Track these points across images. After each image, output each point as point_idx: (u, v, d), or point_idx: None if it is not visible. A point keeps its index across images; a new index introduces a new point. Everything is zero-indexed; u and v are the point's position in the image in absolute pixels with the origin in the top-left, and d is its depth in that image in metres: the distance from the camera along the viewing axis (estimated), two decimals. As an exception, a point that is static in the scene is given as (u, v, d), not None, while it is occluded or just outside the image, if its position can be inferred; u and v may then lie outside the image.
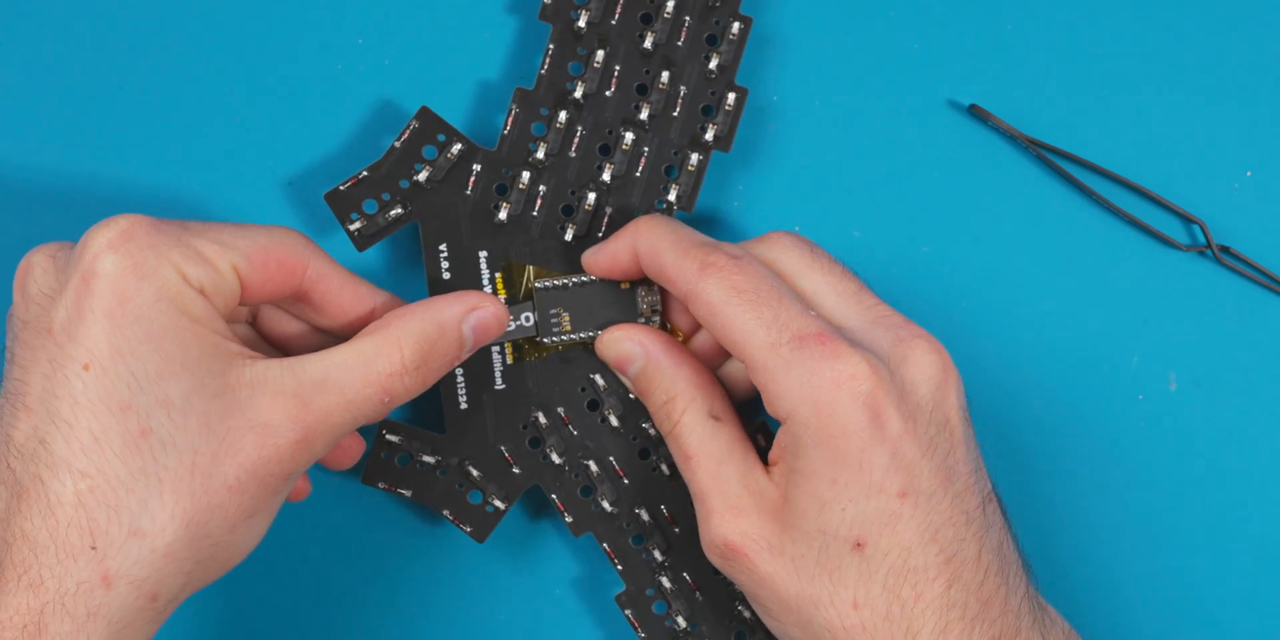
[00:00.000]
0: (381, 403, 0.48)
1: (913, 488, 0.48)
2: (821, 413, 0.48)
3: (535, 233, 0.55)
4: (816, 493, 0.48)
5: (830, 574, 0.48)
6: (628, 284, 0.54)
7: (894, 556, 0.48)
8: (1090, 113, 0.56)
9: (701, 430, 0.51)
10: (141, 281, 0.46)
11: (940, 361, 0.49)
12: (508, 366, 0.55)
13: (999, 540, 0.49)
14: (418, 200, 0.54)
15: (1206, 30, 0.56)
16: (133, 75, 0.55)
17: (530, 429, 0.55)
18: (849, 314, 0.50)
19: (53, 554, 0.45)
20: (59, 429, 0.45)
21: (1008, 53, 0.56)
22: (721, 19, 0.55)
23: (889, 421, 0.48)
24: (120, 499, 0.45)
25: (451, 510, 0.55)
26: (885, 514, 0.48)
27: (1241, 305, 0.57)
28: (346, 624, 0.56)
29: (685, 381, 0.52)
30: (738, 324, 0.49)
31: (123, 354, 0.46)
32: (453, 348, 0.50)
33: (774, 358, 0.48)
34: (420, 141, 0.54)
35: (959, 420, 0.49)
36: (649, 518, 0.55)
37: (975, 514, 0.49)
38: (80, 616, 0.45)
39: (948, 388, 0.49)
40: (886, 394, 0.48)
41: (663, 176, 0.55)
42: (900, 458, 0.48)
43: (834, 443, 0.48)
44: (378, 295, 0.52)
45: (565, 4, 0.54)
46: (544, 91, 0.55)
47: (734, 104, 0.55)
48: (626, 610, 0.55)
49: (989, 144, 0.56)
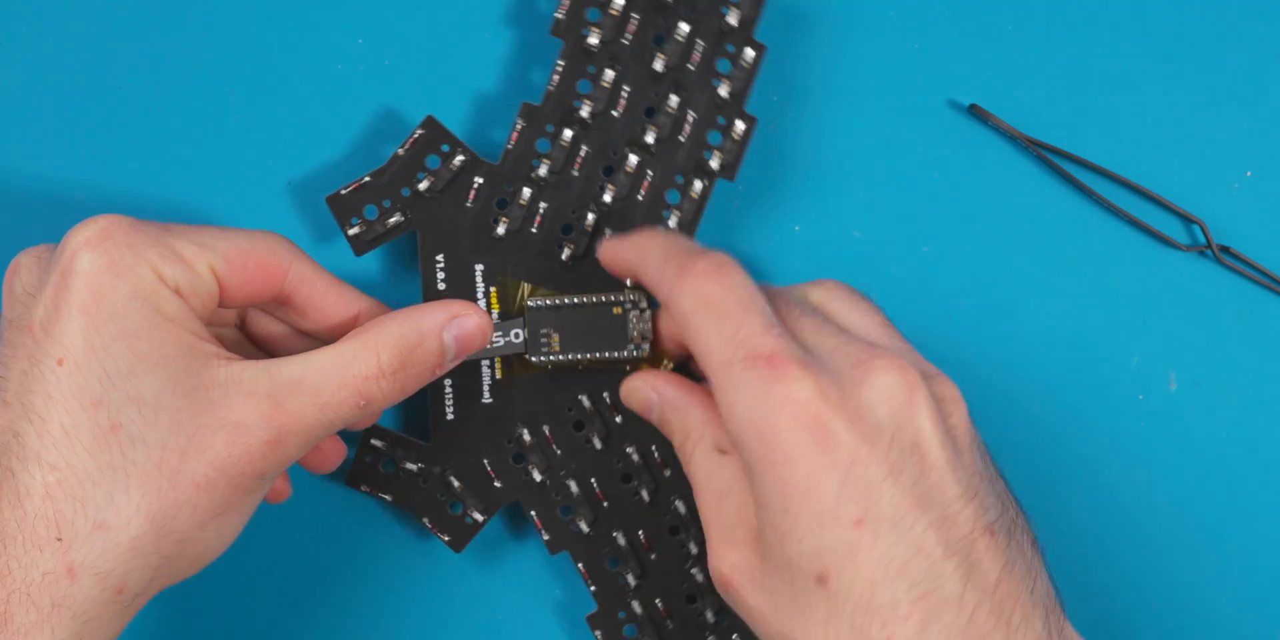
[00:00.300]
0: (357, 406, 0.48)
1: (871, 515, 0.45)
2: (764, 438, 0.45)
3: (532, 250, 0.55)
4: (774, 524, 0.46)
5: (802, 611, 0.46)
6: (620, 310, 0.54)
7: (858, 591, 0.45)
8: (1090, 113, 0.56)
9: (708, 465, 0.50)
10: (117, 279, 0.47)
11: (903, 381, 0.46)
12: (496, 381, 0.55)
13: (999, 578, 0.46)
14: (418, 209, 0.54)
15: (1206, 30, 0.55)
16: (133, 76, 0.56)
17: (514, 445, 0.55)
18: (835, 344, 0.48)
19: (20, 544, 0.46)
20: (32, 423, 0.46)
21: (1008, 52, 0.56)
22: (735, 45, 0.54)
23: (839, 444, 0.45)
24: (87, 492, 0.46)
25: (431, 518, 0.55)
26: (843, 544, 0.45)
27: (1241, 305, 0.56)
28: (319, 623, 0.56)
29: (696, 419, 0.51)
30: (701, 337, 0.47)
31: (96, 350, 0.46)
32: (432, 355, 0.50)
33: (726, 377, 0.46)
34: (424, 151, 0.54)
35: (935, 443, 0.46)
36: (625, 542, 0.55)
37: (960, 546, 0.45)
38: (45, 607, 0.46)
39: (914, 409, 0.46)
40: (835, 416, 0.45)
41: (664, 201, 0.54)
42: (854, 483, 0.45)
43: (778, 470, 0.45)
44: (362, 301, 0.52)
45: (577, 21, 0.54)
46: (551, 108, 0.54)
47: (742, 133, 0.54)
48: (596, 631, 0.55)
49: (989, 144, 0.56)
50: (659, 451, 0.55)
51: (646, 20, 0.54)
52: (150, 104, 0.56)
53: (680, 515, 0.55)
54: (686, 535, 0.55)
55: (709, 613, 0.55)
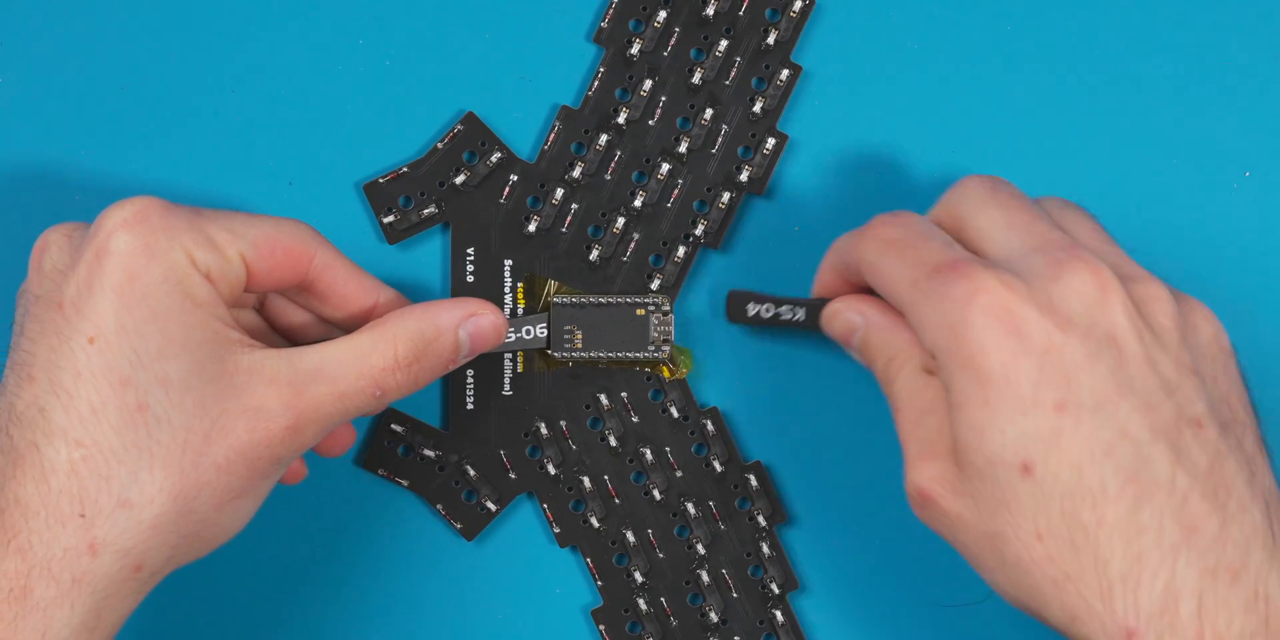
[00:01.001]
0: (373, 396, 0.50)
1: (1072, 400, 0.45)
2: (957, 334, 0.46)
3: (561, 249, 0.56)
4: (973, 421, 0.46)
5: (1008, 506, 0.45)
6: (643, 311, 0.55)
7: (1065, 476, 0.45)
8: (1093, 113, 0.57)
9: (913, 384, 0.50)
10: (151, 261, 0.48)
11: (1095, 279, 0.46)
12: (517, 374, 0.56)
13: (1211, 466, 0.45)
14: (452, 202, 0.56)
15: (1206, 30, 0.56)
16: (137, 74, 0.57)
17: (531, 437, 0.56)
18: (1013, 244, 0.48)
19: (42, 520, 0.46)
20: (59, 399, 0.47)
21: (1007, 52, 0.57)
22: (772, 64, 0.56)
23: (1031, 332, 0.45)
24: (112, 469, 0.47)
25: (445, 505, 0.56)
26: (1046, 429, 0.45)
27: (1242, 305, 0.56)
28: (328, 606, 0.57)
29: (903, 340, 0.50)
30: (887, 272, 0.48)
31: (127, 330, 0.47)
32: (447, 350, 0.51)
33: (916, 294, 0.47)
34: (462, 146, 0.56)
35: (1132, 338, 0.46)
36: (634, 540, 0.56)
37: (1166, 432, 0.45)
38: (65, 582, 0.46)
39: (1108, 305, 0.46)
40: (1024, 305, 0.45)
41: (693, 210, 0.56)
42: (1051, 368, 0.45)
43: (974, 362, 0.45)
44: (383, 291, 0.53)
45: (620, 29, 0.56)
46: (589, 112, 0.56)
47: (773, 149, 0.56)
48: (600, 626, 0.56)
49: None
50: (672, 452, 0.56)
51: (687, 34, 0.56)
52: (156, 101, 0.57)
53: (690, 516, 0.56)
54: (694, 536, 0.56)
55: (713, 613, 0.56)
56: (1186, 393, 0.46)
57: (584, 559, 0.56)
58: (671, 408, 0.56)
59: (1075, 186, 0.56)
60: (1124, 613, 0.45)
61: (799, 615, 0.57)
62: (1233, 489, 0.45)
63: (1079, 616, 0.45)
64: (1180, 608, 0.44)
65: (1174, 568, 0.44)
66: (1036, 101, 0.56)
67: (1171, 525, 0.44)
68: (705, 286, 0.57)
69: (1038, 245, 0.47)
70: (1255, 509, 0.45)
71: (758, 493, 0.56)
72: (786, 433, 0.57)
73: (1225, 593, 0.44)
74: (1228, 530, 0.45)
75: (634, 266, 0.56)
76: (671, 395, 0.56)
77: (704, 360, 0.57)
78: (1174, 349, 0.47)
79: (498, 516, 0.56)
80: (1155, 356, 0.46)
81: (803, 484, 0.57)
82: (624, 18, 0.56)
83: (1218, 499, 0.45)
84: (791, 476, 0.57)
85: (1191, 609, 0.44)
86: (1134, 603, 0.44)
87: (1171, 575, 0.44)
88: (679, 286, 0.56)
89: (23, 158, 0.57)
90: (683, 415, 0.56)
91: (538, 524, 0.57)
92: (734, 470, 0.56)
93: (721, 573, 0.56)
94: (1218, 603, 0.44)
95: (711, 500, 0.56)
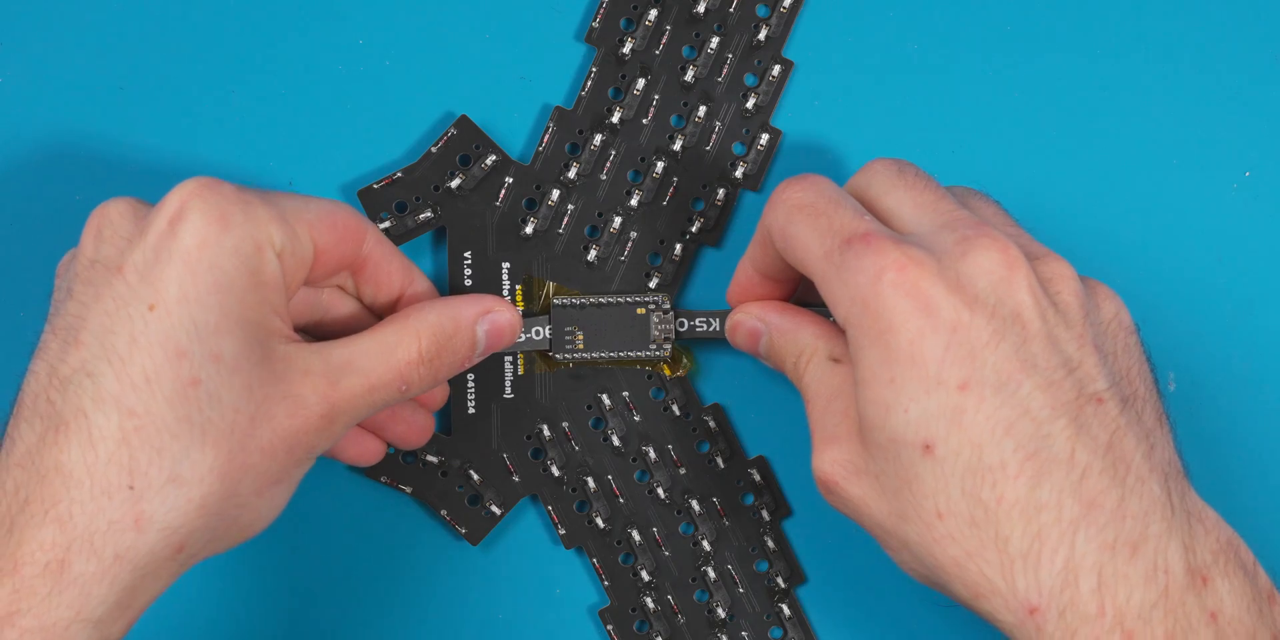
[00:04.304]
0: (399, 390, 0.49)
1: (976, 379, 0.45)
2: (867, 309, 0.46)
3: (559, 250, 0.56)
4: (878, 398, 0.46)
5: (909, 486, 0.46)
6: (643, 311, 0.55)
7: (965, 455, 0.45)
8: (1088, 112, 0.57)
9: (821, 374, 0.50)
10: (225, 232, 0.46)
11: (1003, 258, 0.46)
12: (518, 377, 0.56)
13: (1111, 442, 0.45)
14: (447, 206, 0.56)
15: (1206, 30, 0.57)
16: (135, 77, 0.56)
17: (534, 440, 0.56)
18: (922, 222, 0.48)
19: (86, 489, 0.45)
20: (111, 365, 0.45)
21: (1006, 49, 0.57)
22: (763, 60, 0.56)
23: (940, 309, 0.45)
24: (165, 443, 0.45)
25: (450, 510, 0.56)
26: (949, 409, 0.45)
27: (1241, 305, 0.57)
28: (334, 612, 0.57)
29: (808, 335, 0.51)
30: (798, 239, 0.48)
31: (189, 300, 0.46)
32: (464, 346, 0.51)
33: (828, 265, 0.47)
34: (456, 149, 0.56)
35: (1035, 315, 0.46)
36: (640, 538, 0.56)
37: (1067, 409, 0.45)
38: (107, 558, 0.45)
39: (1013, 283, 0.46)
40: (934, 283, 0.45)
41: (689, 208, 0.56)
42: (957, 347, 0.45)
43: (883, 338, 0.45)
44: (419, 276, 0.53)
45: (612, 28, 0.56)
46: (582, 113, 0.56)
47: (767, 144, 0.56)
48: (608, 625, 0.56)
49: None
50: (675, 450, 0.56)
51: (678, 32, 0.56)
52: (153, 102, 0.56)
53: (694, 513, 0.56)
54: (699, 533, 0.56)
55: (720, 609, 0.56)
56: (1088, 369, 0.46)
57: (590, 559, 0.56)
58: (673, 406, 0.57)
59: (1074, 186, 0.57)
60: (1025, 590, 0.45)
61: (803, 608, 0.57)
62: (1131, 463, 0.45)
63: (982, 594, 0.45)
64: (1081, 583, 0.44)
65: (1073, 543, 0.44)
66: (1031, 97, 0.57)
67: (1071, 501, 0.45)
68: (704, 284, 0.57)
69: (946, 223, 0.48)
70: (1153, 482, 0.45)
71: (761, 487, 0.57)
72: (789, 428, 0.57)
73: (1124, 567, 0.44)
74: (1126, 504, 0.45)
75: (632, 265, 0.56)
76: (673, 393, 0.57)
77: (704, 357, 0.57)
78: (1077, 326, 0.47)
79: (502, 520, 0.56)
80: (1058, 334, 0.46)
81: (806, 478, 0.57)
82: (615, 17, 0.56)
83: (1116, 474, 0.45)
84: (794, 471, 0.57)
85: (1092, 584, 0.44)
86: (1035, 579, 0.45)
87: (1071, 551, 0.44)
88: (678, 284, 0.56)
89: (22, 157, 0.56)
90: (685, 413, 0.57)
91: (542, 526, 0.57)
92: (737, 466, 0.57)
93: (727, 568, 0.56)
94: (1117, 576, 0.44)
95: (715, 497, 0.56)
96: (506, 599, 0.57)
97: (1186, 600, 0.44)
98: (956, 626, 0.57)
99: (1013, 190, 0.56)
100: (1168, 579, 0.45)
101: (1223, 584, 0.45)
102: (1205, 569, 0.45)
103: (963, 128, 0.57)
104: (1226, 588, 0.45)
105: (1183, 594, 0.44)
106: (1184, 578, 0.45)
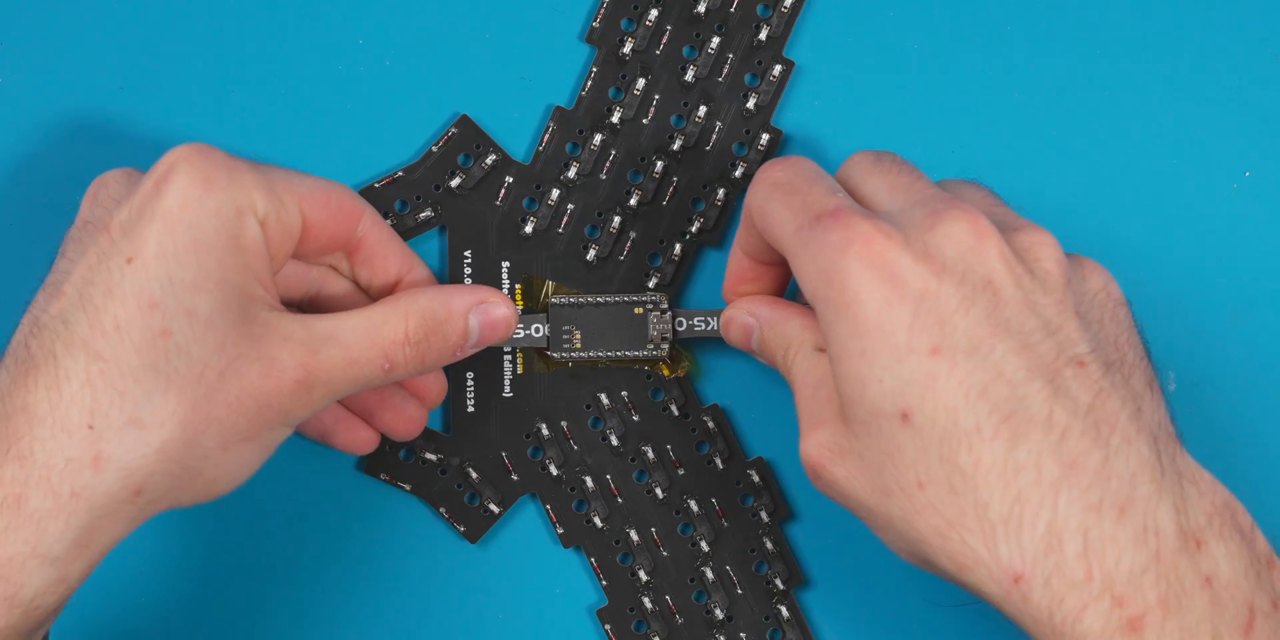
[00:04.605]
0: (382, 368, 0.50)
1: (946, 344, 0.44)
2: (833, 282, 0.46)
3: (558, 249, 0.56)
4: (853, 373, 0.45)
5: (892, 457, 0.45)
6: (641, 310, 0.55)
7: (941, 420, 0.44)
8: (1089, 111, 0.57)
9: (807, 363, 0.50)
10: (207, 194, 0.47)
11: (972, 228, 0.46)
12: (517, 376, 0.56)
13: (1092, 403, 0.45)
14: (448, 205, 0.56)
15: (1206, 30, 0.57)
16: (135, 76, 0.57)
17: (532, 439, 0.56)
18: (896, 200, 0.48)
19: (48, 427, 0.46)
20: (85, 312, 0.47)
21: (1003, 48, 0.57)
22: (764, 60, 0.56)
23: (906, 279, 0.45)
24: (128, 386, 0.46)
25: (448, 508, 0.56)
26: (921, 375, 0.44)
27: (1241, 305, 0.57)
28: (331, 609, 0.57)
29: (795, 327, 0.51)
30: (774, 216, 0.48)
31: (166, 256, 0.47)
32: (456, 333, 0.51)
33: (798, 241, 0.47)
34: (457, 149, 0.56)
35: (1009, 282, 0.45)
36: (638, 538, 0.56)
37: (1044, 372, 0.44)
38: (64, 495, 0.46)
39: (983, 251, 0.46)
40: (900, 254, 0.45)
41: (689, 208, 0.56)
42: (926, 314, 0.45)
43: (850, 311, 0.45)
44: (417, 262, 0.53)
45: (612, 28, 0.56)
46: (582, 113, 0.56)
47: (767, 144, 0.56)
48: (606, 625, 0.56)
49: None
50: (674, 450, 0.56)
51: (679, 32, 0.56)
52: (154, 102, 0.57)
53: (693, 513, 0.56)
54: (698, 533, 0.56)
55: (718, 610, 0.56)
56: (1069, 333, 0.45)
57: (588, 559, 0.56)
58: (672, 406, 0.57)
59: (1075, 186, 0.57)
60: (1009, 557, 0.44)
61: (803, 610, 0.57)
62: (1116, 424, 0.44)
63: (966, 565, 0.44)
64: (1066, 547, 0.43)
65: (1055, 506, 0.43)
66: (1033, 96, 0.57)
67: (1050, 462, 0.44)
68: (704, 284, 0.57)
69: (919, 200, 0.47)
70: (1141, 442, 0.44)
71: (760, 489, 0.56)
72: (788, 428, 0.57)
73: (1112, 529, 0.43)
74: (1111, 465, 0.44)
75: (632, 265, 0.56)
76: (672, 393, 0.57)
77: (704, 357, 0.57)
78: (1057, 292, 0.46)
79: (501, 519, 0.56)
80: (1035, 299, 0.46)
81: (805, 479, 0.57)
82: (616, 17, 0.56)
83: (1099, 434, 0.44)
84: (794, 472, 0.57)
85: (1078, 547, 0.43)
86: (1018, 545, 0.43)
87: (1054, 514, 0.43)
88: (678, 284, 0.56)
89: (22, 157, 0.57)
90: (684, 413, 0.57)
91: (541, 525, 0.57)
92: (736, 467, 0.57)
93: (726, 569, 0.56)
94: (1104, 539, 0.43)
95: (714, 497, 0.56)
96: (504, 597, 0.57)
97: (1179, 564, 0.43)
98: (959, 628, 0.57)
99: (1013, 190, 0.56)
100: (1159, 542, 0.43)
101: (1218, 547, 0.44)
102: (1199, 531, 0.44)
103: (963, 128, 0.57)
104: (1222, 551, 0.44)
105: (1175, 557, 0.43)
106: (1176, 540, 0.44)
